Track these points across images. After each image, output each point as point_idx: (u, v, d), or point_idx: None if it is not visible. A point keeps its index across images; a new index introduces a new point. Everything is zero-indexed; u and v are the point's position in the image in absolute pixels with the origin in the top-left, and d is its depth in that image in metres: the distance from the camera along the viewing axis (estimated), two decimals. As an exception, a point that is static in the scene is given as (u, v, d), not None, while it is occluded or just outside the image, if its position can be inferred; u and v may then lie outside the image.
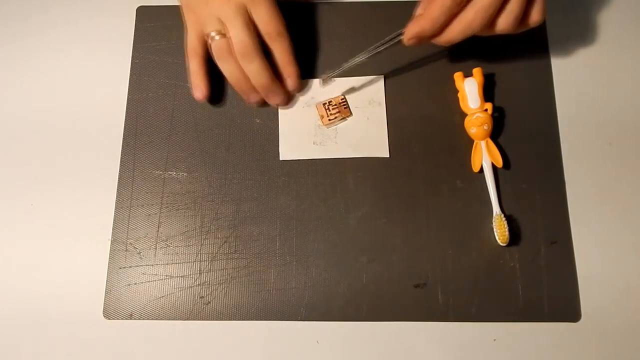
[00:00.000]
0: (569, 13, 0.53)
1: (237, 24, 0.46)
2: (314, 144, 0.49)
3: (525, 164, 0.48)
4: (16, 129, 0.51)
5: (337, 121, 0.49)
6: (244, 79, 0.48)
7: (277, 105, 0.50)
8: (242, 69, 0.48)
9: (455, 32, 0.44)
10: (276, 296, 0.46)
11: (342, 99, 0.50)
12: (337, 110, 0.49)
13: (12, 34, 0.54)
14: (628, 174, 0.48)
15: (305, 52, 0.52)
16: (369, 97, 0.50)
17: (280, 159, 0.49)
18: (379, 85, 0.51)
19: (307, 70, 0.51)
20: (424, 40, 0.45)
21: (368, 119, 0.50)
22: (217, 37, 0.47)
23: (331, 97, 0.50)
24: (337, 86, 0.51)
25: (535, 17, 0.44)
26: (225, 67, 0.48)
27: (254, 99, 0.49)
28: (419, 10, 0.45)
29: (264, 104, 0.50)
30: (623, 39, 0.52)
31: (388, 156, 0.49)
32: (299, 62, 0.49)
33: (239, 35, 0.46)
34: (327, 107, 0.50)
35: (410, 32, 0.44)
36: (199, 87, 0.49)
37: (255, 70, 0.47)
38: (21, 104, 0.52)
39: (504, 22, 0.43)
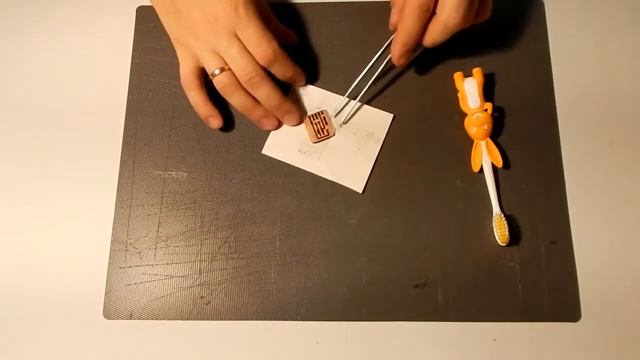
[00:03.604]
0: (569, 12, 0.53)
1: (234, 53, 0.45)
2: (298, 151, 0.49)
3: (525, 164, 0.48)
4: (16, 129, 0.51)
5: (324, 139, 0.49)
6: (253, 107, 0.47)
7: (294, 125, 0.49)
8: (250, 98, 0.47)
9: (436, 33, 0.44)
10: (276, 296, 0.46)
11: (324, 114, 0.50)
12: (324, 128, 0.49)
13: (12, 33, 0.54)
14: (628, 174, 0.48)
15: (305, 52, 0.52)
16: (371, 130, 0.49)
17: (262, 152, 0.49)
18: (385, 122, 0.50)
19: (308, 72, 0.51)
20: (410, 53, 0.46)
21: (360, 149, 0.49)
22: (217, 72, 0.46)
23: (316, 111, 0.50)
24: (345, 107, 0.50)
25: (484, 15, 0.46)
26: (234, 100, 0.47)
27: (269, 125, 0.49)
28: (392, 17, 0.47)
29: (277, 128, 0.50)
30: (623, 39, 0.52)
31: (361, 192, 0.48)
32: (299, 63, 0.49)
33: (239, 65, 0.45)
34: (314, 125, 0.49)
35: (396, 53, 0.46)
36: (212, 118, 0.48)
37: (265, 94, 0.47)
38: (21, 104, 0.52)
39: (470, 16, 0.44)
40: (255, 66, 0.45)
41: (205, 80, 0.48)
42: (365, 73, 0.49)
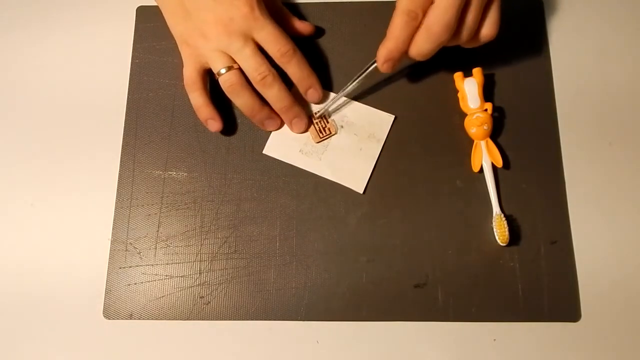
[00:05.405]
0: (569, 12, 0.53)
1: (248, 53, 0.45)
2: (300, 151, 0.49)
3: (525, 164, 0.48)
4: (16, 129, 0.51)
5: (327, 138, 0.49)
6: (260, 108, 0.47)
7: (300, 132, 0.49)
8: (256, 99, 0.47)
9: (421, 41, 0.43)
10: (276, 296, 0.46)
11: (327, 115, 0.50)
12: (326, 127, 0.49)
13: (12, 33, 0.54)
14: (628, 174, 0.48)
15: (305, 52, 0.51)
16: (371, 131, 0.49)
17: (263, 152, 0.49)
18: (386, 123, 0.49)
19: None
20: (396, 60, 0.44)
21: (361, 150, 0.49)
22: (223, 71, 0.45)
23: (318, 111, 0.50)
24: (344, 108, 0.50)
25: (485, 30, 0.44)
26: (239, 100, 0.47)
27: (272, 126, 0.49)
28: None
29: (279, 128, 0.50)
30: (623, 40, 0.52)
31: (362, 192, 0.48)
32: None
33: (253, 65, 0.45)
34: (316, 124, 0.49)
35: (381, 56, 0.44)
36: (212, 120, 0.48)
37: (276, 94, 0.46)
38: (21, 104, 0.52)
39: (463, 31, 0.43)
40: (269, 66, 0.46)
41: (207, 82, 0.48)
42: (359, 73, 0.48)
